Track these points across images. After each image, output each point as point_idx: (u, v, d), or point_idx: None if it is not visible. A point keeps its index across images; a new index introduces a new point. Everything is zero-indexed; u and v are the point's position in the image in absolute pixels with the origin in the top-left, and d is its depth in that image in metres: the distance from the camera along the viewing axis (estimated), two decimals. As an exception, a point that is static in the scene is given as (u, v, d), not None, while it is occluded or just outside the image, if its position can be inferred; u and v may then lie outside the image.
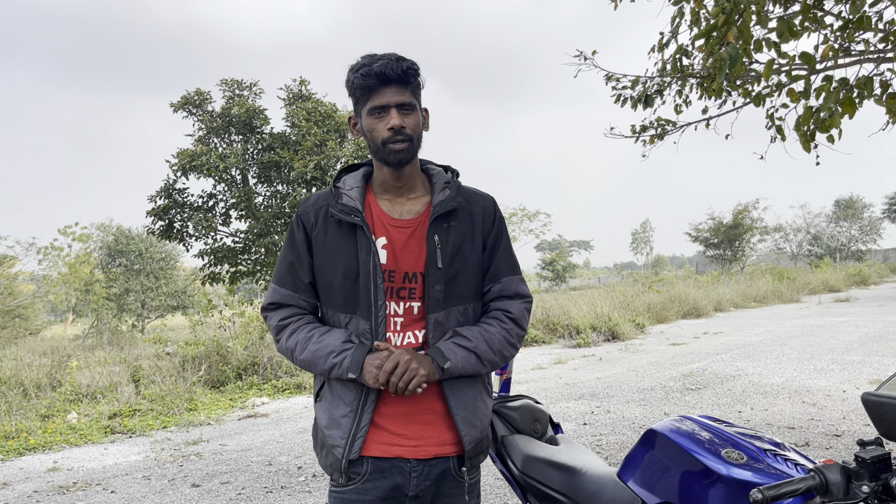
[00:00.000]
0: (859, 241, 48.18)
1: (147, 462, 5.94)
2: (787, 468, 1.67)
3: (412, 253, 1.81)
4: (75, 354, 12.09)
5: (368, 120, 1.77)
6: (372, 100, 1.75)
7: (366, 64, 1.74)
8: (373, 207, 1.84)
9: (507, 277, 1.90)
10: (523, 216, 33.62)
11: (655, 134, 5.91)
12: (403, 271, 1.80)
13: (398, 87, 1.74)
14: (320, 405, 1.85)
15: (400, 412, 1.78)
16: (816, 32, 4.24)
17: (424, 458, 1.79)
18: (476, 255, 1.86)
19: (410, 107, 1.76)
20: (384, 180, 1.85)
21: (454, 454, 1.82)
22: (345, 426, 1.76)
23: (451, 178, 1.91)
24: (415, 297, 1.81)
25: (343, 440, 1.75)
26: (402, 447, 1.77)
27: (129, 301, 31.28)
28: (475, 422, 1.84)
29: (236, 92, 15.78)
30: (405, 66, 1.73)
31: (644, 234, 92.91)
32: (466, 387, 1.83)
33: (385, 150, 1.76)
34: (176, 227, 15.06)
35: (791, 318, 15.81)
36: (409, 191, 1.87)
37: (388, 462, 1.77)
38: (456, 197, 1.85)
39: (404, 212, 1.85)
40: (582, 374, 9.43)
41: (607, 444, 5.67)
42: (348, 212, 1.79)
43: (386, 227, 1.82)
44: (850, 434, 5.59)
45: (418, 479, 1.78)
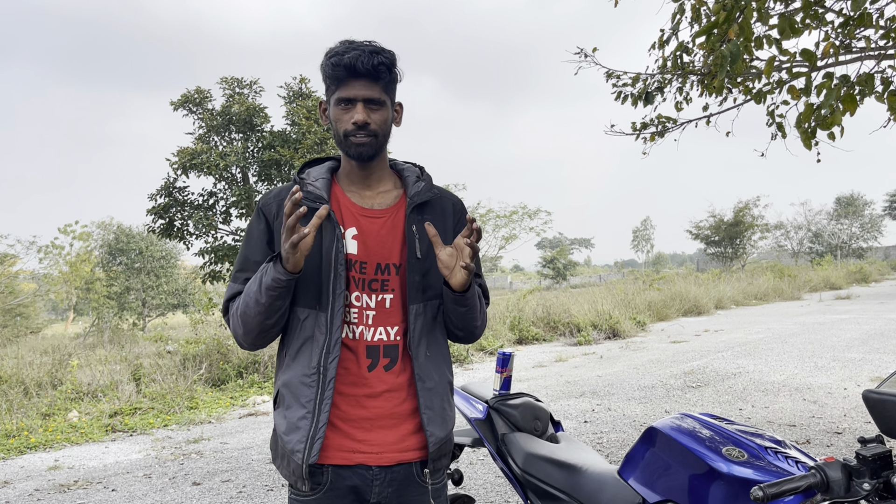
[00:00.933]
0: (860, 239, 48.13)
1: (148, 460, 5.94)
2: (787, 466, 1.67)
3: (385, 243, 1.77)
4: (76, 353, 12.10)
5: (335, 110, 1.73)
6: (340, 90, 1.71)
7: (339, 52, 1.69)
8: (340, 198, 1.79)
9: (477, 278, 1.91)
10: (524, 214, 33.56)
11: (656, 131, 5.90)
12: (376, 262, 1.75)
13: (367, 82, 1.69)
14: (278, 412, 1.76)
15: (363, 417, 1.73)
16: (817, 29, 4.23)
17: (387, 465, 1.73)
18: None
19: (378, 102, 1.71)
20: (350, 172, 1.81)
21: (417, 459, 1.77)
22: (303, 429, 1.68)
23: (421, 172, 1.90)
24: (387, 289, 1.76)
25: (302, 444, 1.68)
26: (365, 454, 1.72)
27: (130, 299, 31.29)
28: (440, 421, 1.79)
29: (236, 90, 15.78)
30: (377, 61, 1.67)
31: (645, 231, 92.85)
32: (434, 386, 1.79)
33: (347, 143, 1.73)
34: (176, 225, 15.07)
35: (792, 316, 15.80)
36: (377, 184, 1.83)
37: (350, 470, 1.71)
38: (431, 189, 1.84)
39: (375, 203, 1.80)
40: (583, 372, 9.43)
41: (608, 441, 5.67)
42: (313, 199, 1.73)
43: (356, 217, 1.77)
44: (850, 431, 5.59)
45: (380, 487, 1.73)
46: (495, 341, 12.39)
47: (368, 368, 1.73)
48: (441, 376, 1.82)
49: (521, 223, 33.83)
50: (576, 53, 5.78)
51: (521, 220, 33.78)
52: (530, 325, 13.92)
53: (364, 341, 1.74)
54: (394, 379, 1.75)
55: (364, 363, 1.73)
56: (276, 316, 1.69)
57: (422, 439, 1.77)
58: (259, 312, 1.66)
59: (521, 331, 13.51)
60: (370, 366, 1.74)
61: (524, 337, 13.46)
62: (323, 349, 1.69)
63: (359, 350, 1.74)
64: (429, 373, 1.78)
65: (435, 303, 1.80)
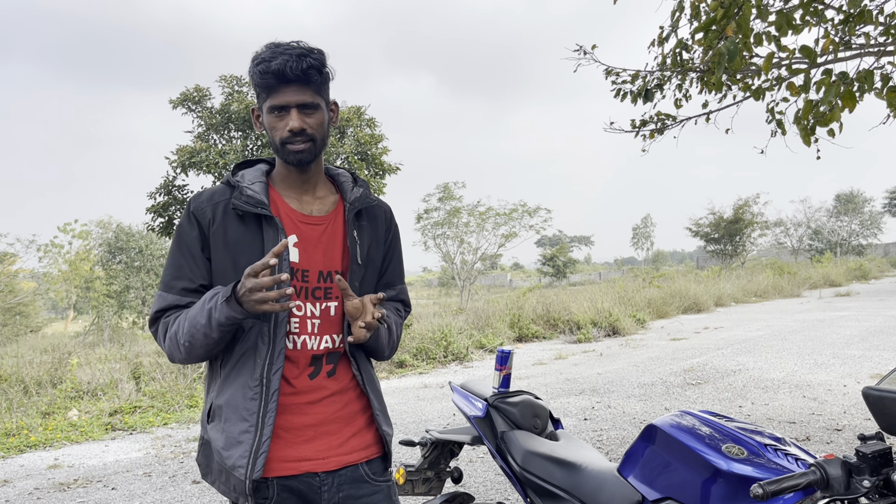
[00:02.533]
0: (860, 236, 48.14)
1: (148, 459, 5.94)
2: (787, 463, 1.66)
3: (326, 250, 1.74)
4: (76, 352, 12.10)
5: (269, 118, 1.68)
6: (272, 98, 1.66)
7: (265, 59, 1.63)
8: (279, 204, 1.73)
9: (401, 285, 1.94)
10: (524, 212, 33.54)
11: (655, 128, 5.90)
12: (318, 270, 1.72)
13: (298, 87, 1.64)
14: (214, 426, 1.69)
15: (307, 424, 1.69)
16: (817, 26, 4.22)
17: (333, 469, 1.70)
18: (379, 257, 1.86)
19: (312, 106, 1.67)
20: (287, 177, 1.76)
21: (366, 458, 1.76)
22: (246, 443, 1.61)
23: (354, 179, 1.88)
24: (331, 296, 1.73)
25: (244, 458, 1.60)
26: (311, 461, 1.68)
27: (130, 298, 31.26)
28: (386, 419, 1.83)
29: (235, 88, 15.76)
30: (305, 65, 1.62)
31: (645, 229, 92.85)
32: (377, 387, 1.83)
33: (284, 151, 1.68)
34: (175, 223, 15.06)
35: (792, 313, 15.80)
36: (314, 189, 1.79)
37: (296, 479, 1.67)
38: (369, 196, 1.83)
39: (314, 209, 1.77)
40: (582, 370, 9.43)
41: (608, 439, 5.67)
42: (254, 203, 1.67)
43: (296, 224, 1.72)
44: (850, 428, 5.59)
45: (329, 493, 1.69)
46: (495, 339, 12.39)
47: (310, 376, 1.71)
48: (376, 377, 1.86)
49: (520, 221, 33.78)
50: (575, 51, 5.76)
51: (521, 218, 33.74)
52: (530, 322, 13.93)
53: (308, 350, 1.70)
54: (335, 384, 1.74)
55: (306, 371, 1.70)
56: (224, 342, 1.64)
57: (366, 439, 1.78)
58: (207, 344, 1.61)
59: (521, 328, 13.52)
60: (311, 374, 1.71)
61: (524, 335, 13.47)
62: (266, 360, 1.64)
63: (300, 359, 1.70)
64: (370, 375, 1.81)
65: None
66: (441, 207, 28.40)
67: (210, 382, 1.76)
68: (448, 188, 28.51)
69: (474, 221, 31.35)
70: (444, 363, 10.77)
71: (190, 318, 1.61)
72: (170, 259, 1.72)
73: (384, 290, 1.88)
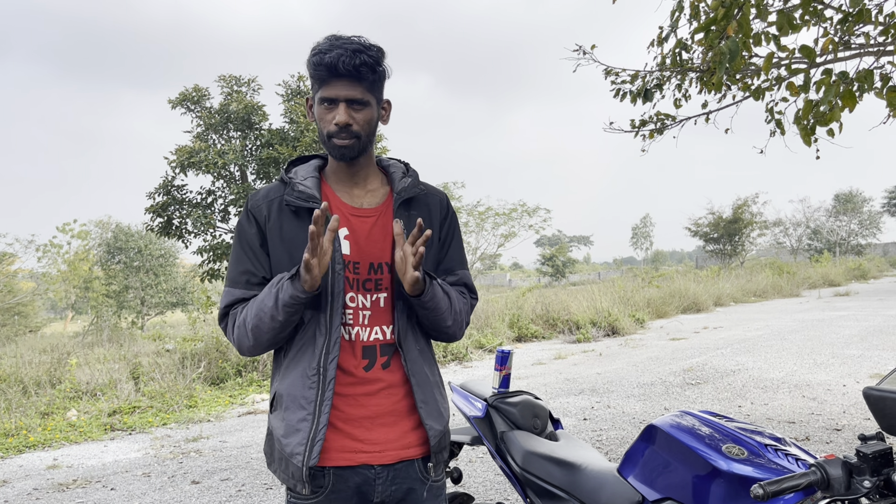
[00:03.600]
0: (859, 236, 48.17)
1: (147, 459, 5.94)
2: (787, 463, 1.66)
3: (376, 242, 1.75)
4: (75, 352, 12.09)
5: (318, 109, 1.72)
6: (323, 90, 1.68)
7: (322, 51, 1.65)
8: (330, 198, 1.77)
9: (462, 271, 1.91)
10: (523, 211, 33.55)
11: (655, 128, 5.90)
12: (368, 262, 1.74)
13: (350, 82, 1.66)
14: (275, 415, 1.74)
15: (364, 416, 1.72)
16: (816, 26, 4.22)
17: (389, 463, 1.72)
18: (434, 245, 1.84)
19: (361, 102, 1.68)
20: (338, 170, 1.80)
21: (421, 455, 1.77)
22: (303, 431, 1.66)
23: (406, 169, 1.89)
24: (381, 288, 1.75)
25: (302, 446, 1.65)
26: (367, 453, 1.70)
27: (129, 298, 31.25)
28: (436, 415, 1.80)
29: (234, 88, 15.76)
30: (359, 61, 1.64)
31: (644, 229, 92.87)
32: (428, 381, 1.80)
33: (330, 144, 1.71)
34: (175, 223, 15.07)
35: (791, 313, 15.81)
36: (365, 182, 1.81)
37: (352, 470, 1.70)
38: (417, 185, 1.83)
39: (364, 202, 1.79)
40: (582, 370, 9.43)
41: (607, 439, 5.67)
42: (306, 198, 1.71)
43: (347, 217, 1.75)
44: (850, 428, 5.59)
45: (383, 485, 1.71)
46: (494, 339, 12.38)
47: (365, 368, 1.72)
48: (431, 370, 1.83)
49: (520, 221, 33.81)
50: (574, 51, 5.76)
51: (521, 218, 33.77)
52: (529, 322, 13.92)
53: (360, 341, 1.73)
54: (391, 376, 1.75)
55: (361, 363, 1.72)
56: (289, 329, 1.68)
57: (421, 435, 1.77)
58: (274, 328, 1.65)
59: (521, 328, 13.52)
60: (367, 366, 1.72)
61: (523, 335, 13.46)
62: (322, 350, 1.68)
63: (355, 350, 1.72)
64: (420, 368, 1.79)
65: None
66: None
67: (274, 372, 1.80)
68: (447, 188, 28.51)
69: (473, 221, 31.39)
70: (444, 363, 10.76)
71: (257, 303, 1.66)
72: (233, 256, 1.78)
73: (444, 276, 1.87)
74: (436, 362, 1.89)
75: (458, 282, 1.89)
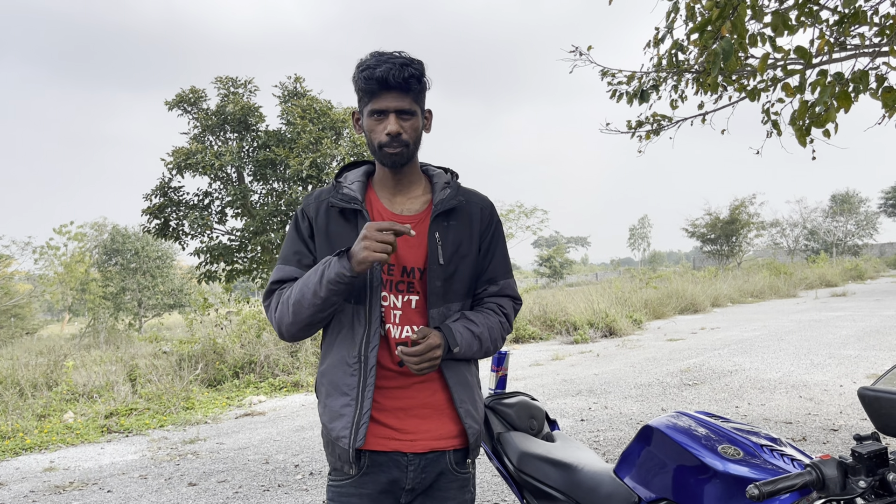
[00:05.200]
0: (856, 236, 48.28)
1: (144, 461, 5.93)
2: (783, 463, 1.66)
3: (412, 248, 1.84)
4: (72, 354, 12.05)
5: (369, 121, 1.81)
6: (373, 102, 1.79)
7: (371, 66, 1.77)
8: (374, 202, 1.89)
9: (504, 280, 1.97)
10: (520, 213, 33.57)
11: (651, 129, 5.90)
12: (402, 265, 1.83)
13: (399, 94, 1.77)
14: (321, 403, 1.87)
15: (398, 407, 1.81)
16: (812, 27, 4.23)
17: (422, 452, 1.82)
18: (472, 254, 1.90)
19: (410, 113, 1.79)
20: (384, 177, 1.90)
21: (451, 448, 1.86)
22: (347, 415, 1.78)
23: (450, 178, 1.97)
24: (413, 290, 1.84)
25: (347, 430, 1.77)
26: (400, 441, 1.81)
27: (126, 300, 31.18)
28: (475, 415, 1.89)
29: (231, 89, 15.73)
30: (407, 74, 1.75)
31: (641, 229, 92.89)
32: (466, 381, 1.89)
33: (381, 153, 1.81)
34: (172, 225, 15.02)
35: (788, 313, 15.83)
36: (409, 189, 1.91)
37: (386, 456, 1.80)
38: (456, 196, 1.90)
39: (405, 209, 1.89)
40: (579, 371, 9.43)
41: (605, 440, 5.67)
42: (348, 200, 1.84)
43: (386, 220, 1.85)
44: (847, 428, 5.60)
45: (415, 473, 1.81)
46: (492, 340, 12.37)
47: (399, 364, 1.81)
48: (468, 371, 1.91)
49: (517, 222, 33.84)
50: (570, 52, 5.77)
51: (518, 219, 33.80)
52: (527, 323, 13.93)
53: (392, 338, 1.83)
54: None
55: (395, 358, 1.82)
56: (329, 310, 1.76)
57: (454, 429, 1.86)
58: (314, 304, 1.73)
59: (518, 329, 13.52)
60: (400, 361, 1.81)
61: (521, 336, 13.47)
62: (363, 340, 1.79)
63: (389, 345, 1.82)
64: (456, 368, 1.87)
65: (456, 305, 1.88)
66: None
67: (320, 362, 1.92)
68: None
69: (471, 222, 31.30)
70: (441, 364, 10.76)
71: (303, 279, 1.77)
72: (287, 240, 1.92)
73: (486, 285, 1.95)
74: (474, 364, 1.97)
75: (499, 292, 1.96)
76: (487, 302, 1.94)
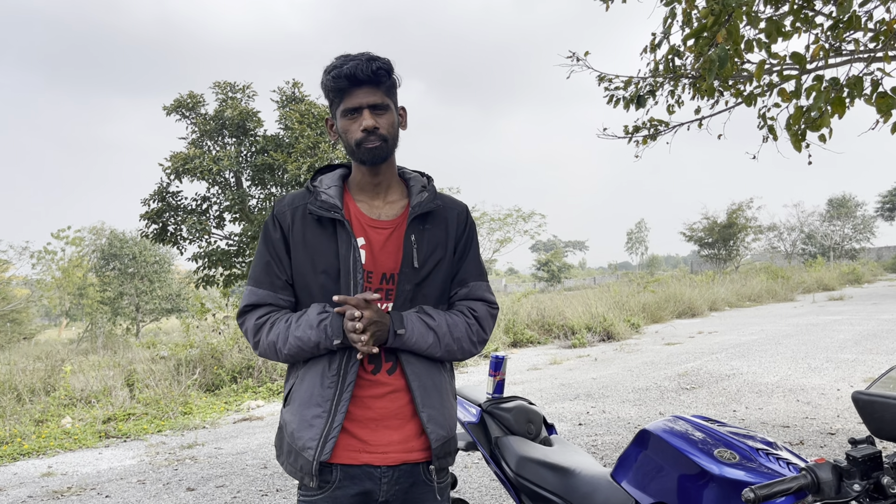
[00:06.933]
0: (853, 240, 48.28)
1: (142, 466, 5.92)
2: (779, 467, 1.67)
3: (390, 254, 1.81)
4: (69, 359, 12.04)
5: (342, 122, 1.79)
6: (344, 101, 1.76)
7: (337, 65, 1.75)
8: (351, 208, 1.85)
9: (475, 282, 1.94)
10: (518, 217, 33.59)
11: (648, 134, 5.92)
12: (381, 272, 1.81)
13: (370, 88, 1.75)
14: (290, 409, 1.82)
15: (370, 418, 1.78)
16: (807, 32, 4.25)
17: (393, 465, 1.78)
18: (448, 258, 1.88)
19: (383, 107, 1.77)
20: (361, 180, 1.86)
21: (423, 459, 1.82)
22: (317, 427, 1.74)
23: (427, 182, 1.94)
24: (391, 297, 1.81)
25: (315, 441, 1.73)
26: (371, 454, 1.77)
27: (124, 305, 31.13)
28: (441, 420, 1.83)
29: (229, 94, 15.75)
30: (375, 67, 1.73)
31: (639, 233, 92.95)
32: (432, 385, 1.84)
33: (360, 151, 1.78)
34: (170, 230, 15.01)
35: (785, 317, 15.85)
36: (386, 192, 1.88)
37: (359, 469, 1.77)
38: (434, 200, 1.88)
39: (382, 214, 1.85)
40: (577, 375, 9.44)
41: (602, 444, 5.68)
42: (328, 208, 1.79)
43: (364, 227, 1.82)
44: (844, 432, 5.61)
45: (388, 485, 1.78)
46: (490, 344, 12.39)
47: (373, 372, 1.79)
48: (438, 377, 1.86)
49: (515, 226, 33.87)
50: (568, 57, 5.79)
51: (516, 223, 33.83)
52: (525, 327, 13.93)
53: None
54: (396, 381, 1.81)
55: (368, 367, 1.79)
56: None
57: (426, 439, 1.82)
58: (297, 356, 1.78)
59: (516, 334, 13.52)
60: (374, 370, 1.79)
61: (519, 340, 13.47)
62: (345, 354, 1.75)
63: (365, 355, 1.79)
64: (423, 374, 1.82)
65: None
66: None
67: (291, 369, 1.88)
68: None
69: (469, 227, 31.29)
70: (439, 369, 10.76)
71: (296, 339, 1.74)
72: (257, 257, 1.86)
73: (457, 288, 1.92)
74: (447, 369, 1.92)
75: (469, 294, 1.92)
76: (458, 305, 1.91)
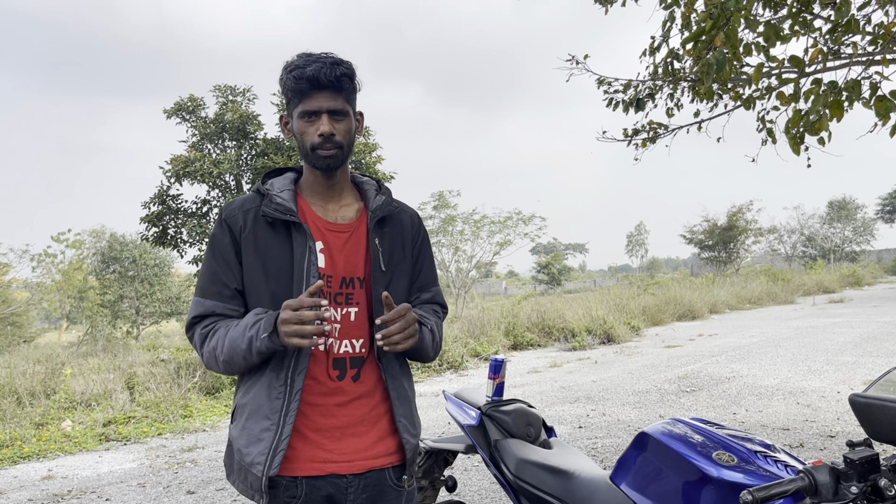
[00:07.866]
0: (853, 242, 48.28)
1: (142, 469, 5.92)
2: (777, 470, 1.68)
3: (349, 257, 1.79)
4: (69, 362, 12.04)
5: (299, 123, 1.75)
6: (304, 103, 1.72)
7: (299, 66, 1.70)
8: (306, 211, 1.80)
9: (435, 287, 1.97)
10: (518, 220, 33.58)
11: (647, 137, 5.93)
12: (341, 276, 1.77)
13: (331, 93, 1.71)
14: (236, 425, 1.77)
15: (335, 426, 1.74)
16: (805, 36, 4.26)
17: (359, 473, 1.75)
18: (406, 261, 1.89)
19: (342, 113, 1.74)
20: (314, 183, 1.83)
21: (390, 465, 1.81)
22: (265, 441, 1.68)
23: (379, 186, 1.93)
24: (352, 302, 1.78)
25: (263, 456, 1.67)
26: (336, 463, 1.73)
27: (124, 308, 31.14)
28: (412, 430, 1.85)
29: (229, 98, 15.78)
30: (339, 73, 1.70)
31: (639, 236, 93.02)
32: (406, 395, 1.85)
33: (314, 156, 1.75)
34: (170, 233, 15.03)
35: (785, 320, 15.85)
36: (340, 196, 1.85)
37: (323, 480, 1.72)
38: (391, 203, 1.88)
39: (339, 217, 1.83)
40: (577, 377, 9.44)
41: (602, 447, 5.68)
42: (283, 211, 1.74)
43: (322, 230, 1.79)
44: (844, 435, 5.61)
45: (355, 494, 1.75)
46: (490, 347, 12.39)
47: (338, 378, 1.75)
48: (408, 384, 1.88)
49: (515, 229, 33.82)
50: (567, 60, 5.81)
51: (516, 226, 33.78)
52: (525, 330, 13.93)
53: (332, 354, 1.75)
54: (361, 388, 1.78)
55: (333, 374, 1.75)
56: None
57: (391, 445, 1.81)
58: (246, 365, 1.70)
59: (516, 336, 13.52)
60: (339, 376, 1.75)
61: (519, 342, 13.47)
62: (291, 362, 1.69)
63: (327, 361, 1.75)
64: (400, 382, 1.83)
65: None
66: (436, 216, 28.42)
67: (239, 384, 1.82)
68: (443, 196, 28.55)
69: (469, 229, 31.36)
70: (439, 371, 10.76)
71: (231, 341, 1.68)
72: (205, 265, 1.79)
73: (418, 293, 1.92)
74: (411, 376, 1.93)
75: (432, 299, 1.95)
76: (424, 308, 1.91)
